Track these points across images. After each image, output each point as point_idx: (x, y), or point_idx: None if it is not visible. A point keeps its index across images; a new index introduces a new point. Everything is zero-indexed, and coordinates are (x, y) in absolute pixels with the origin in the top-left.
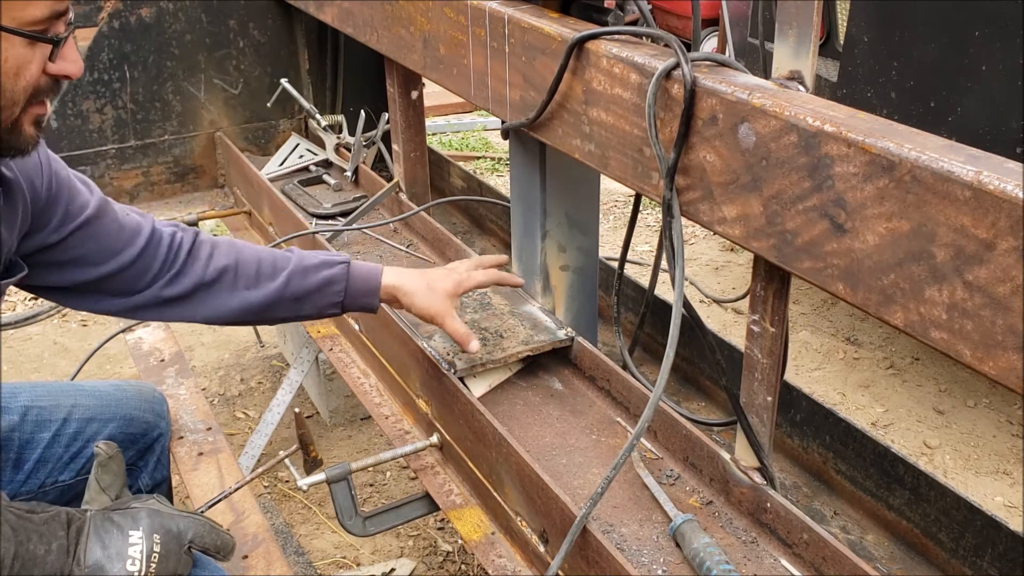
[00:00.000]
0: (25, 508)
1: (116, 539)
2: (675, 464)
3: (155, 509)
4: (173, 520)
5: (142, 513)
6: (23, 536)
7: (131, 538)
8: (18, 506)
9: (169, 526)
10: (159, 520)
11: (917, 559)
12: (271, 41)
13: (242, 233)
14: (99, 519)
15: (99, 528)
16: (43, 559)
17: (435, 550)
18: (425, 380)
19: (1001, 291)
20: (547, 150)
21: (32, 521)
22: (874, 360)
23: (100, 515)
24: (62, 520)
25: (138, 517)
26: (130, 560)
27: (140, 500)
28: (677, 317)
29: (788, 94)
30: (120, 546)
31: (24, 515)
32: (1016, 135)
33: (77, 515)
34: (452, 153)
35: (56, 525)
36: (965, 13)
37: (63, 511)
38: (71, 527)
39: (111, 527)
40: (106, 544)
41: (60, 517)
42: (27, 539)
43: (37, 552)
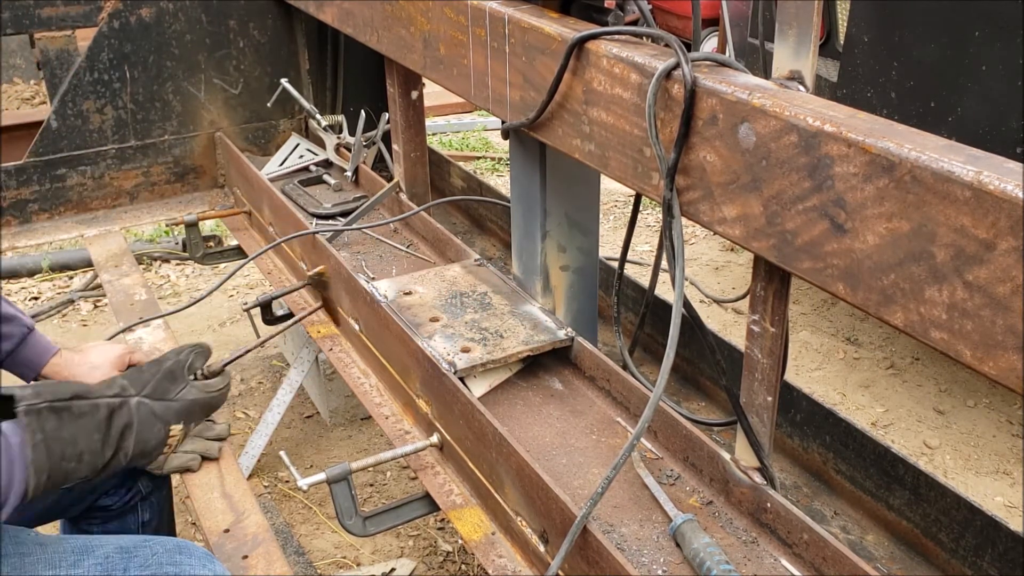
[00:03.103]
0: (68, 396)
1: (160, 431)
2: (675, 464)
3: (193, 399)
4: (209, 400)
5: (178, 406)
6: (59, 454)
7: (172, 430)
8: (60, 401)
9: (200, 408)
10: (196, 405)
11: (917, 559)
12: (271, 41)
13: (242, 233)
14: (144, 414)
15: (144, 422)
16: (75, 469)
17: (435, 550)
18: (425, 380)
19: (1001, 291)
20: (547, 150)
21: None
22: (874, 360)
23: (144, 410)
24: (102, 417)
25: (178, 410)
26: (168, 446)
27: (178, 385)
28: (677, 317)
29: (788, 94)
30: (160, 436)
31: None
32: (1016, 135)
33: (122, 409)
34: (452, 153)
35: (95, 424)
36: (965, 13)
37: (104, 404)
38: (114, 422)
39: (155, 421)
40: (149, 439)
41: (99, 414)
42: (61, 457)
43: (67, 467)
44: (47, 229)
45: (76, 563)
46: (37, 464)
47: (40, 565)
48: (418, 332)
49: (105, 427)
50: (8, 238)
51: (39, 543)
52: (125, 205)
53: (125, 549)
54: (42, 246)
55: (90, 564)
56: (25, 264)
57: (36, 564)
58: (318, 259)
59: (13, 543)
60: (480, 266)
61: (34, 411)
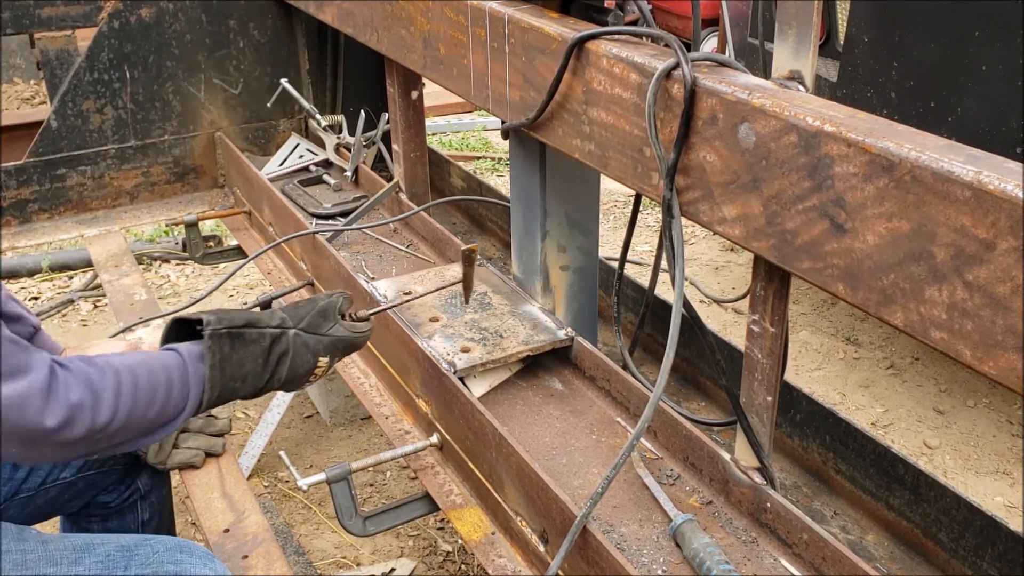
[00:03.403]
0: (242, 323)
1: (310, 361)
2: (675, 464)
3: (342, 337)
4: (354, 340)
5: (330, 342)
6: (229, 375)
7: (320, 362)
8: (236, 327)
9: (349, 346)
10: (344, 344)
11: (917, 559)
12: (271, 41)
13: (242, 233)
14: (300, 345)
15: (298, 351)
16: (239, 388)
17: (435, 550)
18: (425, 380)
19: (1001, 291)
20: (547, 150)
21: (244, 342)
22: (874, 360)
23: (300, 341)
24: (265, 345)
25: (328, 345)
26: (313, 376)
27: (329, 323)
28: (677, 317)
29: (788, 94)
30: (309, 366)
31: (238, 339)
32: (1016, 135)
33: (282, 338)
34: (452, 153)
35: (260, 351)
36: (965, 13)
37: (268, 334)
38: (274, 350)
39: (307, 351)
40: (299, 366)
41: (264, 341)
42: (230, 378)
43: (234, 386)
44: (47, 229)
45: (77, 561)
46: (212, 381)
47: (41, 563)
48: (418, 332)
49: (267, 354)
50: (8, 238)
51: (40, 541)
52: (125, 205)
53: (126, 547)
54: (42, 246)
55: (91, 562)
56: (25, 264)
57: (37, 562)
58: (318, 259)
59: (14, 540)
60: (480, 266)
61: (216, 335)
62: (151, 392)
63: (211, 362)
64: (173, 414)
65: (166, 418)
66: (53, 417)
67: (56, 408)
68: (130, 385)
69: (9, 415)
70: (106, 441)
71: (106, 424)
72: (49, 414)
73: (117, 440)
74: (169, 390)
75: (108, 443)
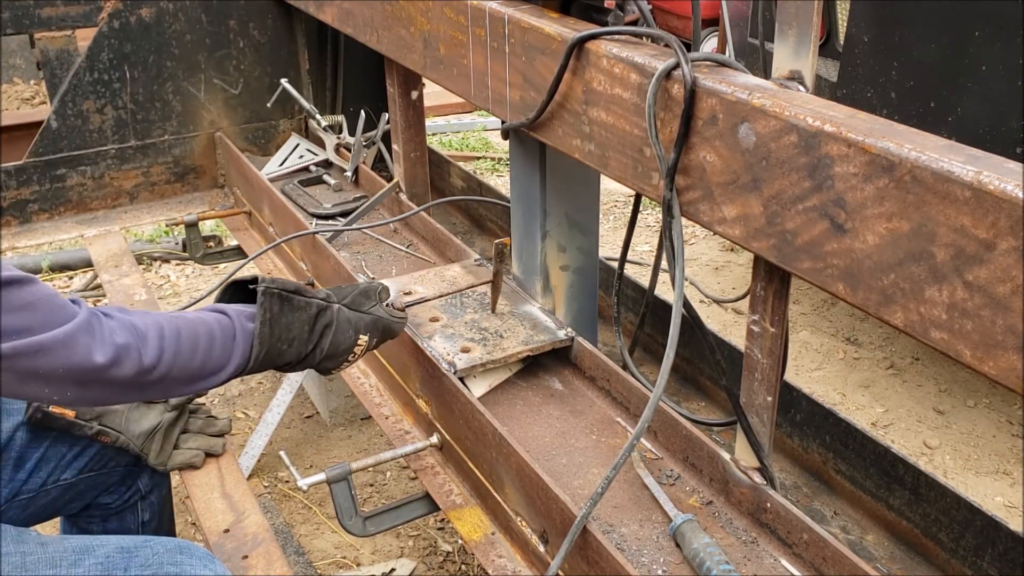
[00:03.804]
0: (291, 290)
1: (351, 337)
2: (675, 464)
3: (380, 317)
4: (391, 324)
5: (370, 320)
6: (277, 336)
7: (360, 339)
8: (287, 291)
9: (387, 329)
10: (383, 326)
11: (917, 559)
12: (271, 41)
13: (242, 233)
14: (343, 319)
15: (341, 326)
16: (285, 352)
17: (435, 550)
18: (425, 380)
19: (1001, 291)
20: (547, 150)
21: (292, 307)
22: (874, 360)
23: (343, 315)
24: (311, 314)
25: (368, 323)
26: (353, 354)
27: (370, 302)
28: (677, 317)
29: (788, 94)
30: (351, 343)
31: (287, 302)
32: (1016, 135)
33: (327, 311)
34: (452, 153)
35: (307, 319)
36: (965, 13)
37: (315, 304)
38: (318, 321)
39: (348, 327)
40: (343, 340)
41: (311, 310)
42: (278, 339)
43: (281, 348)
44: (47, 229)
45: (77, 562)
46: (262, 337)
47: (41, 564)
48: (418, 332)
49: (312, 322)
50: (8, 238)
51: (40, 542)
52: (125, 205)
53: (126, 549)
54: (42, 246)
55: (90, 563)
56: (25, 264)
57: (37, 563)
58: (318, 259)
59: (14, 542)
60: (480, 266)
61: (269, 293)
62: (193, 341)
63: (262, 318)
64: (218, 365)
65: (211, 368)
66: (102, 354)
67: (104, 347)
68: (173, 332)
69: (59, 354)
70: (155, 386)
71: (153, 365)
72: (98, 351)
73: (166, 384)
74: (211, 342)
75: (158, 388)
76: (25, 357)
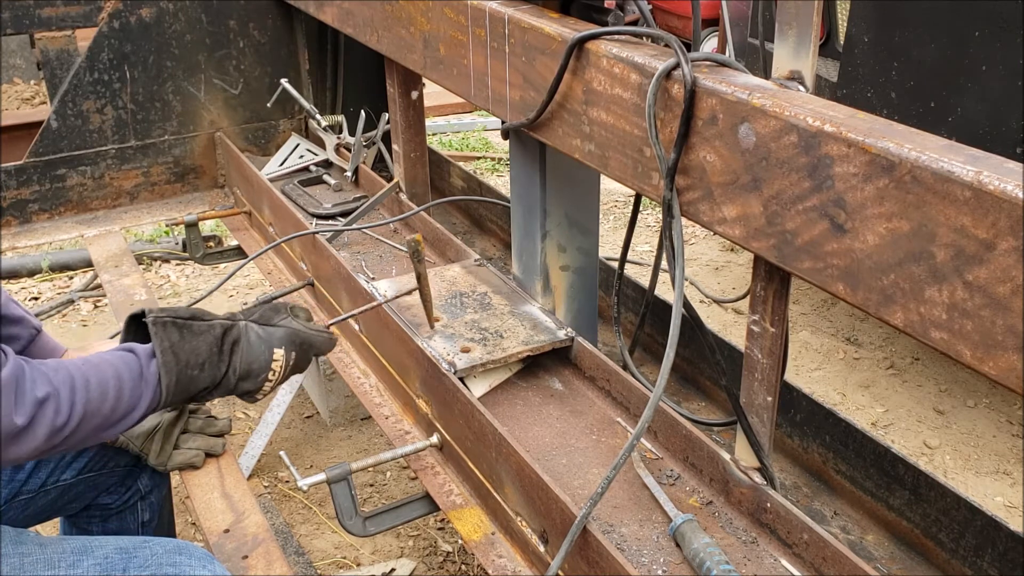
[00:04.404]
0: (186, 316)
1: (264, 353)
2: (675, 464)
3: (293, 329)
4: (307, 336)
5: (282, 333)
6: (184, 361)
7: (275, 353)
8: (181, 316)
9: (304, 342)
10: (297, 338)
11: (917, 559)
12: (271, 41)
13: (242, 233)
14: (252, 335)
15: (251, 343)
16: (197, 377)
17: (435, 550)
18: (425, 380)
19: (1001, 291)
20: (547, 150)
21: (193, 333)
22: (874, 360)
23: (252, 331)
24: (216, 335)
25: (281, 337)
26: (271, 371)
27: (280, 316)
28: (677, 317)
29: (788, 94)
30: (265, 359)
31: (186, 329)
32: (1016, 135)
33: (232, 329)
34: (452, 153)
35: (212, 340)
36: (965, 13)
37: (218, 324)
38: (226, 339)
39: (260, 343)
40: (256, 356)
41: (215, 331)
42: (186, 364)
43: (191, 373)
44: (47, 229)
45: (75, 563)
46: (167, 366)
47: (39, 565)
48: (418, 332)
49: (219, 342)
50: (8, 238)
51: (39, 543)
52: (125, 205)
53: (124, 550)
54: (42, 246)
55: (89, 564)
56: (25, 264)
57: (35, 564)
58: (318, 259)
59: (13, 543)
60: (480, 266)
61: (160, 323)
62: (102, 387)
63: (161, 348)
64: (129, 406)
65: (123, 411)
66: (22, 415)
67: (24, 406)
68: (83, 384)
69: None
70: (64, 443)
71: (65, 423)
72: (19, 412)
73: (76, 439)
74: (119, 384)
75: (66, 444)
76: None
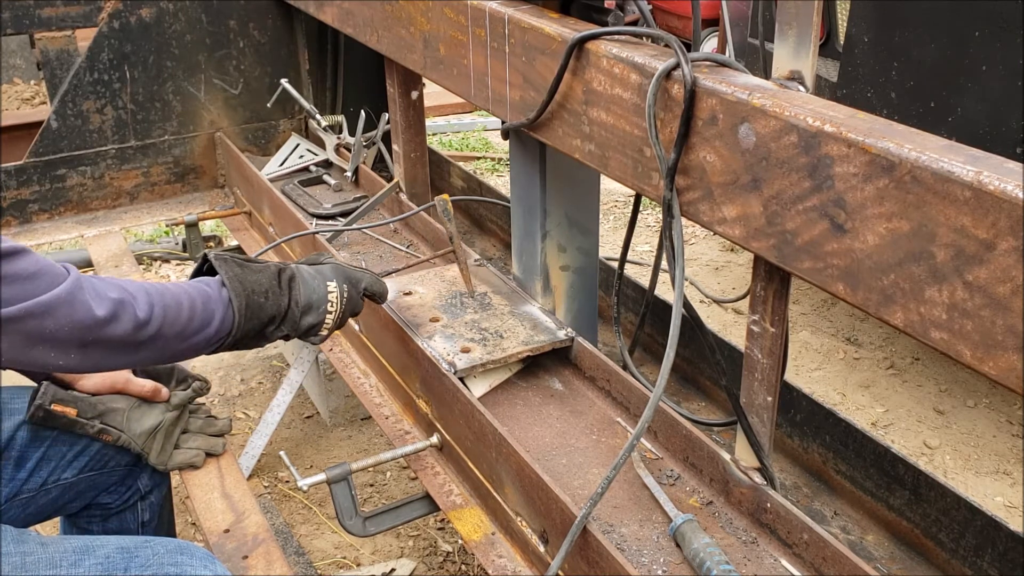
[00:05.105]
0: (243, 259)
1: (320, 286)
2: (675, 464)
3: (339, 264)
4: (353, 272)
5: (329, 268)
6: (249, 288)
7: (329, 286)
8: (239, 259)
9: (351, 276)
10: (344, 272)
11: (917, 559)
12: (271, 41)
13: (242, 233)
14: (304, 272)
15: (305, 279)
16: (264, 305)
17: (435, 550)
18: (425, 380)
19: (1001, 291)
20: (547, 150)
21: (252, 270)
22: (874, 360)
23: (303, 269)
24: (273, 271)
25: (330, 271)
26: (329, 303)
27: (324, 257)
28: (677, 317)
29: (788, 94)
30: (322, 291)
31: (246, 265)
32: (1016, 135)
33: (286, 269)
34: (452, 153)
35: (270, 275)
36: (965, 13)
37: (273, 264)
38: (282, 276)
39: (313, 278)
40: (313, 289)
41: (271, 268)
42: (252, 291)
43: (258, 300)
44: (47, 229)
45: (77, 563)
46: (235, 289)
47: (41, 565)
48: (418, 332)
49: (277, 277)
50: (8, 238)
51: (40, 543)
52: (125, 205)
53: (126, 549)
54: (42, 246)
55: (90, 564)
56: None
57: (37, 564)
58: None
59: (14, 543)
60: (480, 266)
61: (222, 259)
62: (176, 299)
63: (228, 275)
64: (205, 321)
65: (199, 324)
66: (101, 308)
67: (102, 301)
68: (158, 291)
69: (63, 312)
70: (151, 344)
71: (147, 319)
72: (97, 306)
73: (161, 342)
74: (192, 300)
75: (153, 346)
76: (33, 318)
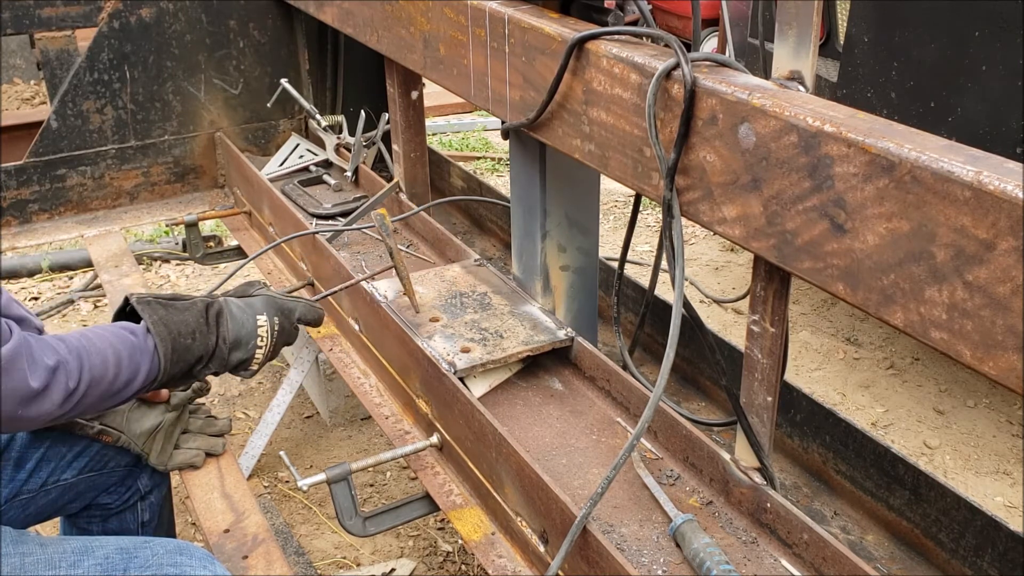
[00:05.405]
0: (167, 298)
1: (249, 320)
2: (675, 464)
3: (271, 295)
4: (286, 303)
5: (260, 300)
6: (175, 331)
7: (259, 320)
8: (162, 298)
9: (283, 307)
10: (276, 303)
11: (917, 559)
12: (271, 41)
13: (242, 233)
14: (233, 307)
15: (234, 313)
16: (191, 346)
17: (435, 550)
18: (425, 380)
19: (1001, 291)
20: (547, 150)
21: (177, 309)
22: (874, 360)
23: (231, 303)
24: (200, 308)
25: (260, 304)
26: (259, 337)
27: (255, 288)
28: (677, 317)
29: (788, 94)
30: (251, 326)
31: (170, 306)
32: (1016, 135)
33: (213, 304)
34: (452, 153)
35: (196, 312)
36: (965, 13)
37: (199, 300)
38: (209, 312)
39: (242, 312)
40: (242, 324)
41: (198, 306)
42: (178, 333)
43: (185, 342)
44: (47, 229)
45: (76, 563)
46: (160, 335)
47: (40, 565)
48: (418, 332)
49: (204, 314)
50: (8, 238)
51: (39, 543)
52: (125, 205)
53: (125, 550)
54: (42, 246)
55: (90, 564)
56: (25, 264)
57: (36, 564)
58: (318, 259)
59: (14, 543)
60: (480, 266)
61: (145, 301)
62: (102, 355)
63: (152, 319)
64: (131, 375)
65: (125, 379)
66: (36, 378)
67: (37, 369)
68: (86, 351)
69: None
70: (75, 408)
71: (75, 387)
72: (32, 374)
73: (84, 405)
74: (119, 354)
75: (76, 410)
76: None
